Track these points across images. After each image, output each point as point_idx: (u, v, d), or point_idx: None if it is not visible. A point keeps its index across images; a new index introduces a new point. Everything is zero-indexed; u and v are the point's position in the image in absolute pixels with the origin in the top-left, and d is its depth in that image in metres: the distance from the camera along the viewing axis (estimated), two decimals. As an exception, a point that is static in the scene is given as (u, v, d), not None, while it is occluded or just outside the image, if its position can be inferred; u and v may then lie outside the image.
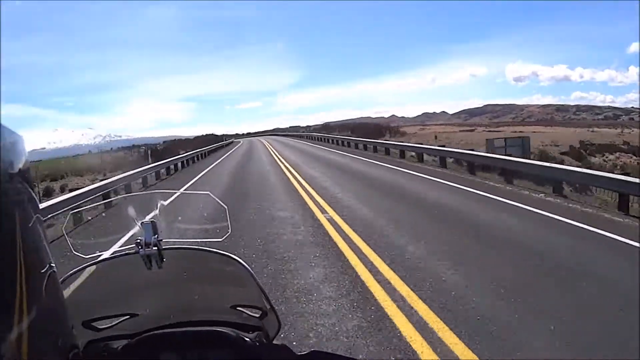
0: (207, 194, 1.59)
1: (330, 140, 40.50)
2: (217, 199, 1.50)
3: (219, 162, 28.29)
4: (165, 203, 1.24)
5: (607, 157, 45.98)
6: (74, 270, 1.13)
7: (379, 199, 11.34)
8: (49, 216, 9.24)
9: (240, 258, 1.16)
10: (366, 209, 9.90)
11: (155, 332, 1.16)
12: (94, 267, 1.16)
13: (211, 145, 44.74)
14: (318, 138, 50.28)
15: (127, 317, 1.23)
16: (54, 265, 0.61)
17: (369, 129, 60.18)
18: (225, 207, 1.49)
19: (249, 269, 1.14)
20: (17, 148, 0.51)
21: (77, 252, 1.22)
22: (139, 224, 1.10)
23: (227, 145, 57.45)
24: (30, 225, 0.52)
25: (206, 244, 1.27)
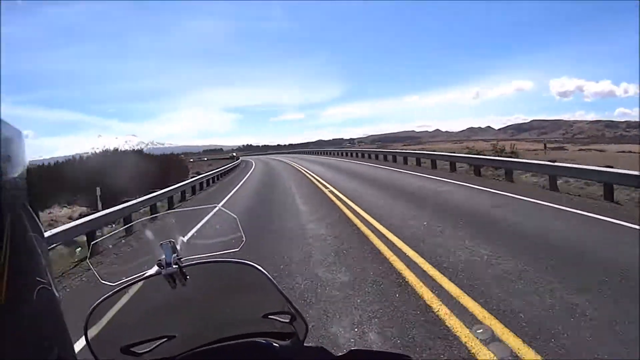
0: (214, 206, 2.50)
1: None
2: (226, 210, 1.56)
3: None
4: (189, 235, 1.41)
5: None
6: (102, 298, 1.15)
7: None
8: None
9: (257, 264, 1.13)
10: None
11: (193, 352, 1.19)
12: (124, 293, 1.16)
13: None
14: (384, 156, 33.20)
15: (165, 339, 1.23)
16: (46, 280, 0.56)
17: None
18: (235, 217, 1.49)
19: (268, 274, 1.13)
20: (15, 144, 0.46)
21: (104, 280, 1.22)
22: (158, 245, 1.12)
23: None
24: (23, 228, 0.48)
25: (224, 256, 1.26)
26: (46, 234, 8.60)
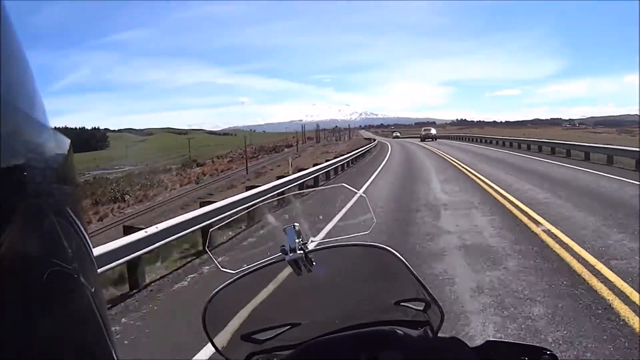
0: (342, 185, 1.50)
1: None
2: (352, 188, 1.40)
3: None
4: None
5: None
6: (220, 287, 1.12)
7: None
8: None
9: (391, 247, 1.02)
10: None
11: (318, 339, 1.13)
12: (245, 281, 1.13)
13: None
14: None
15: (289, 327, 1.20)
16: (71, 267, 0.49)
17: None
18: (364, 195, 1.34)
19: (403, 259, 1.01)
20: (62, 150, 0.50)
21: (224, 268, 1.17)
22: (282, 229, 1.05)
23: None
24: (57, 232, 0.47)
25: (353, 239, 1.16)
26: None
